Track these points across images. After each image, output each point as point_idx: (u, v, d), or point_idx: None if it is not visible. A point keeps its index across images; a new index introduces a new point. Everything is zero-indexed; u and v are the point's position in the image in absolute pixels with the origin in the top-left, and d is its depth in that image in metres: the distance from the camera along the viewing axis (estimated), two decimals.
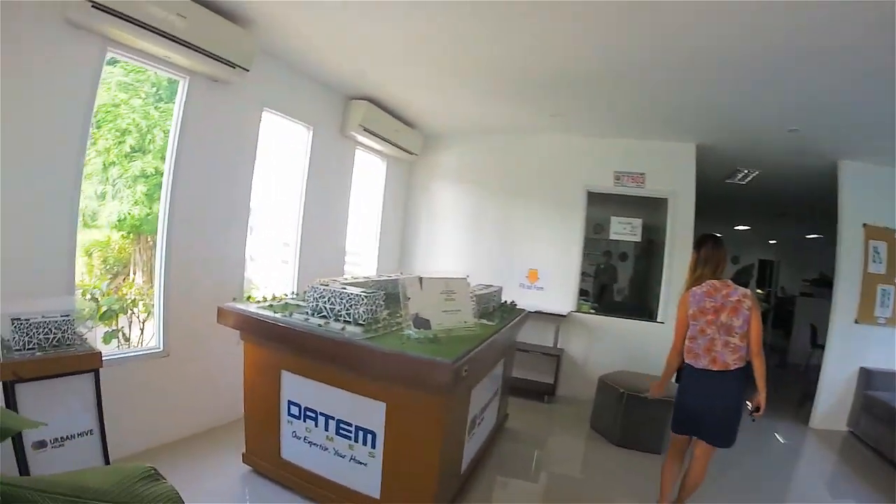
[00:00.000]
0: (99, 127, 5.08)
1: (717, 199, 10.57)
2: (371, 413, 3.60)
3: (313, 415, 3.89)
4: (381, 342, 3.50)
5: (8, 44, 3.30)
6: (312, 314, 3.95)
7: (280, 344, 3.89)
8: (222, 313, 4.16)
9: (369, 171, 7.95)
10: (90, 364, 3.30)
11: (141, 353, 4.66)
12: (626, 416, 5.82)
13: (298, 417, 3.97)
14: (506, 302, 6.02)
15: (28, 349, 3.11)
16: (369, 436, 3.65)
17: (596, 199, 7.98)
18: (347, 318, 3.79)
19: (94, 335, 3.81)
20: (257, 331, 3.98)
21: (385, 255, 8.41)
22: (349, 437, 3.72)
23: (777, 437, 6.90)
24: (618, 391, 5.88)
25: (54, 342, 3.24)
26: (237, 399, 4.35)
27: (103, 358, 3.42)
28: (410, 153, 8.08)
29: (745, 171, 8.61)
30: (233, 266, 5.36)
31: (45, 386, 3.08)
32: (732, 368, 3.69)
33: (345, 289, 3.93)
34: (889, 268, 7.13)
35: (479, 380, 4.25)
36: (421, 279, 4.00)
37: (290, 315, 3.93)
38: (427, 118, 7.85)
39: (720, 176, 8.86)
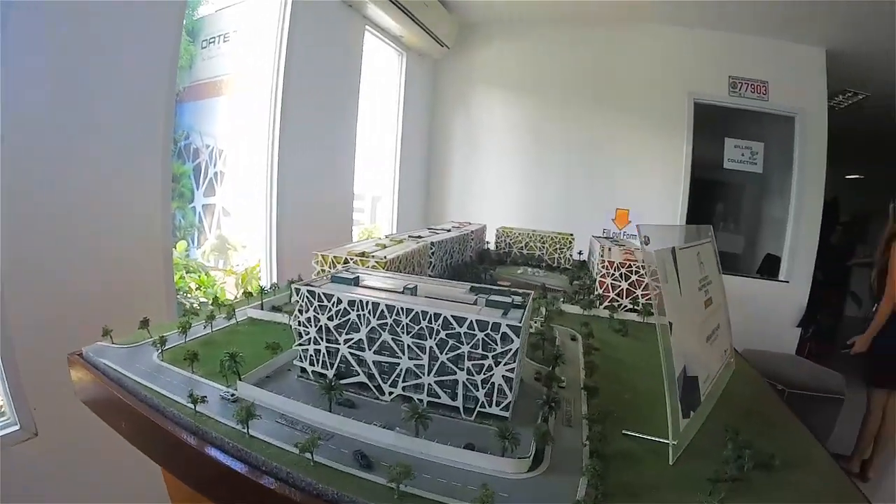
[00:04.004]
0: None
1: None
2: None
3: None
4: None
5: None
6: (326, 385, 1.27)
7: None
8: (74, 370, 1.60)
9: (380, 69, 5.27)
10: None
11: None
12: None
13: None
14: None
15: None
16: None
17: (705, 115, 5.40)
18: (448, 406, 1.26)
19: None
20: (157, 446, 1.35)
21: (406, 199, 5.67)
22: None
23: None
24: (774, 387, 3.70)
25: None
26: None
27: None
28: (441, 44, 5.33)
29: (851, 93, 6.28)
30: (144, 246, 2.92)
31: None
32: None
33: (435, 302, 1.34)
34: None
35: None
36: (675, 252, 1.40)
37: (244, 414, 1.17)
38: None
39: None
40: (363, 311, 1.29)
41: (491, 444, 1.10)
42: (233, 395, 1.27)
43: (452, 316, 1.18)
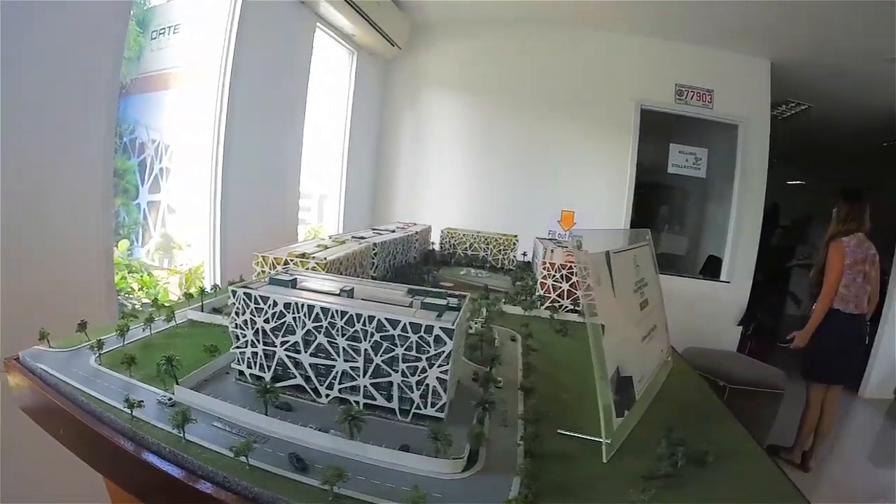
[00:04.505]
0: None
1: None
2: None
3: None
4: None
5: None
6: (261, 388, 1.27)
7: None
8: (11, 375, 1.55)
9: (331, 68, 5.16)
10: None
11: None
12: None
13: None
14: None
15: None
16: None
17: (651, 121, 5.57)
18: (385, 408, 1.30)
19: None
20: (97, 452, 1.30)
21: (353, 198, 5.56)
22: None
23: None
24: (716, 384, 4.10)
25: None
26: None
27: None
28: (392, 44, 5.28)
29: (795, 104, 6.58)
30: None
31: None
32: (865, 311, 3.92)
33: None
34: None
35: None
36: (609, 256, 1.46)
37: (180, 419, 1.15)
38: None
39: None
40: (298, 313, 1.31)
41: (427, 446, 1.12)
42: (170, 399, 1.27)
43: (386, 318, 1.21)
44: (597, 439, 1.28)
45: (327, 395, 1.30)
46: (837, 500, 3.92)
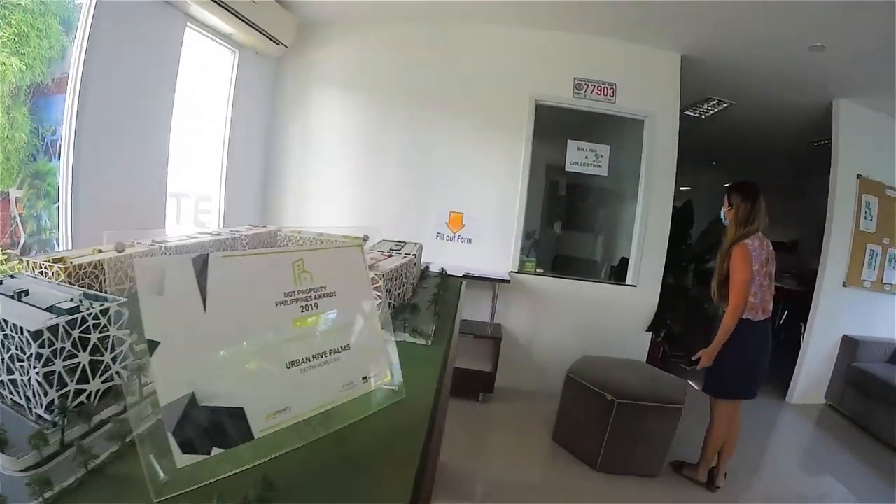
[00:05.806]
0: None
1: None
2: None
3: None
4: None
5: None
6: None
7: None
8: None
9: (210, 66, 5.16)
10: None
11: None
12: (616, 431, 3.99)
13: None
14: (427, 268, 3.28)
15: None
16: None
17: (547, 117, 5.62)
18: (16, 395, 1.34)
19: None
20: None
21: (235, 200, 5.57)
22: None
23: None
24: (604, 398, 4.00)
25: None
26: None
27: None
28: (277, 42, 5.32)
29: (716, 101, 6.74)
30: None
31: None
32: (770, 314, 3.71)
33: None
34: (879, 226, 6.28)
35: None
36: (206, 261, 1.10)
37: None
38: None
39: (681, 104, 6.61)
40: None
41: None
42: None
43: (2, 318, 1.31)
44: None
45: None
46: None
